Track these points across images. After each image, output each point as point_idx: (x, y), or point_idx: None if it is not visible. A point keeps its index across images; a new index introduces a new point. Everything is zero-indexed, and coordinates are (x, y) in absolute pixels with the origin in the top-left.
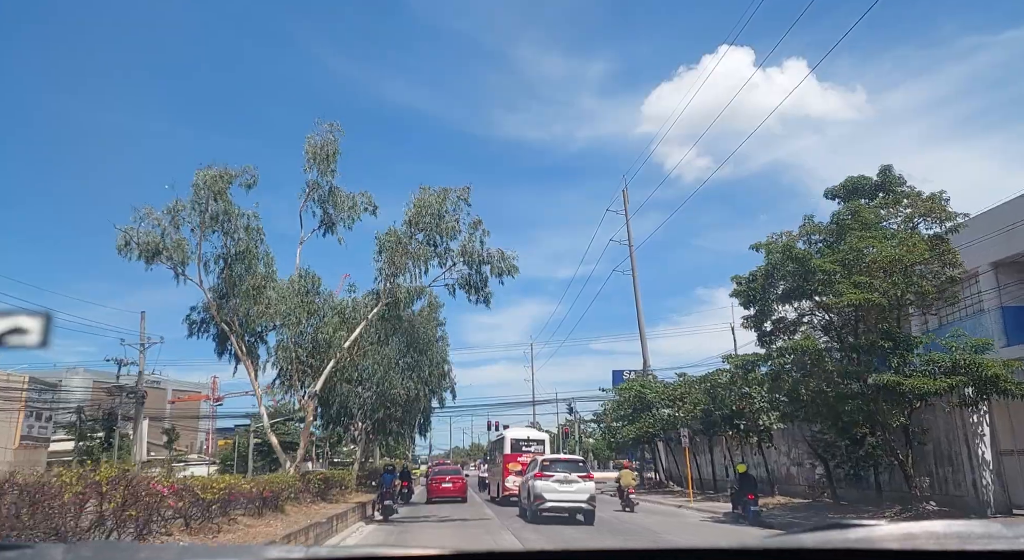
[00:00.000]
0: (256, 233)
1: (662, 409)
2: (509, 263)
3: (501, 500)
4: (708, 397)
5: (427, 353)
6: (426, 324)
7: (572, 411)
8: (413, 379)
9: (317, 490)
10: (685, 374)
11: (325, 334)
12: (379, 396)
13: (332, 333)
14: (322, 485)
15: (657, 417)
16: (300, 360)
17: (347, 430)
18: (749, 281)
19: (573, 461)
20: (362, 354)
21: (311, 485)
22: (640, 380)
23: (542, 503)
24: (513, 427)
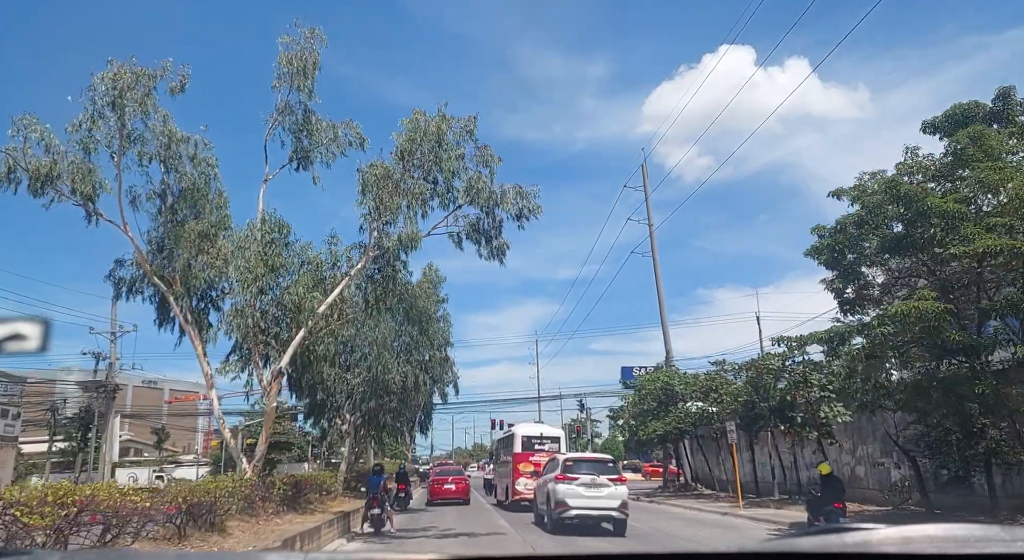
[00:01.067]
0: (206, 166)
1: (692, 403)
2: (530, 201)
3: (511, 505)
4: (750, 387)
5: (427, 331)
6: (425, 299)
7: (583, 407)
8: (411, 363)
9: (283, 497)
10: (723, 361)
11: (294, 296)
12: (370, 382)
13: (303, 294)
14: (290, 491)
15: (686, 411)
16: (261, 329)
17: (332, 423)
18: (835, 232)
19: (601, 461)
20: (344, 323)
21: (274, 491)
22: (666, 372)
23: (565, 510)
24: (523, 423)
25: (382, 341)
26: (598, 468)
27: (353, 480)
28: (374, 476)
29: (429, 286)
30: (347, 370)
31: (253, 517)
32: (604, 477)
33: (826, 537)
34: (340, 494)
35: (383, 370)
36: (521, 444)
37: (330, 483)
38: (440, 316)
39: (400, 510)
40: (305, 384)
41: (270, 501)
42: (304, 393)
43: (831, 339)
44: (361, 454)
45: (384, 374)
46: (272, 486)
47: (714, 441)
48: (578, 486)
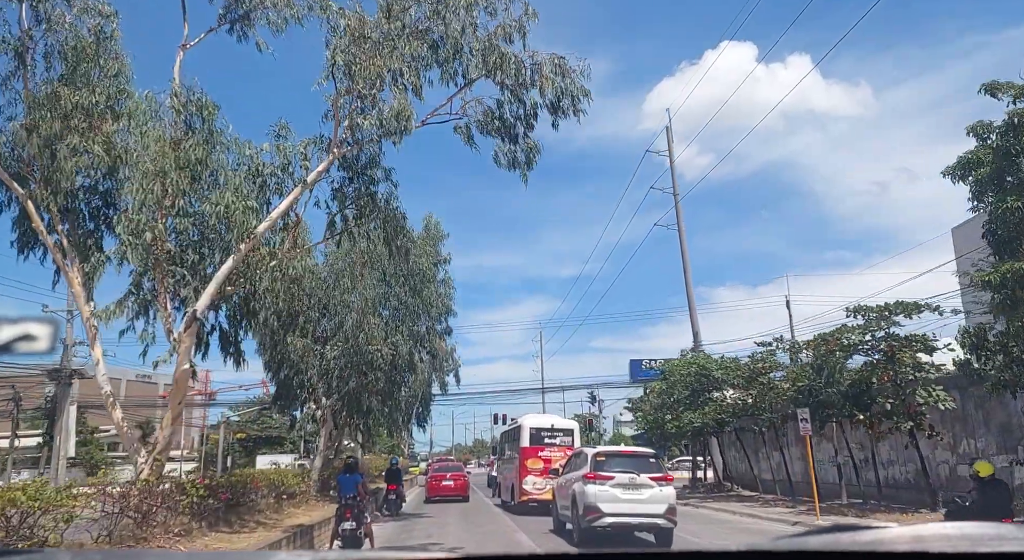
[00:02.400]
0: (98, 17)
1: (728, 392)
2: (573, 83)
3: (517, 506)
4: (811, 370)
5: (421, 293)
6: (420, 254)
7: (595, 399)
8: (402, 332)
9: (202, 509)
10: (781, 337)
11: (219, 207)
12: (350, 356)
13: (234, 206)
14: (213, 499)
15: (730, 400)
16: (171, 256)
17: (302, 408)
18: (1005, 132)
19: (641, 456)
20: (300, 253)
21: (186, 501)
22: (702, 356)
23: (597, 518)
24: (531, 414)
25: (365, 304)
26: (637, 464)
27: (332, 479)
28: (346, 475)
29: (428, 243)
30: (322, 342)
31: (145, 539)
32: (645, 475)
33: (837, 535)
34: (312, 498)
35: (366, 340)
36: (529, 437)
37: (294, 484)
38: (441, 280)
39: (391, 516)
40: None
41: (174, 514)
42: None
43: None
44: (342, 447)
45: (368, 345)
46: (177, 494)
47: (758, 434)
48: (613, 487)
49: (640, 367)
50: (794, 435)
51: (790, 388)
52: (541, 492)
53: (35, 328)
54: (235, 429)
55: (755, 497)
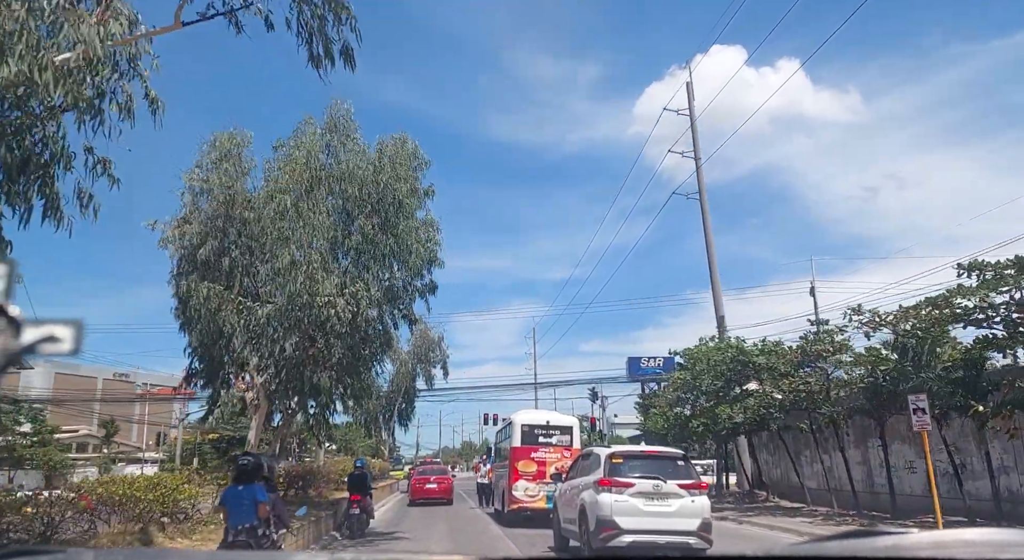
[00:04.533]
0: None
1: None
2: None
3: (509, 516)
4: (896, 350)
5: (395, 229)
6: (394, 176)
7: (596, 396)
8: (365, 281)
9: None
10: (859, 307)
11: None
12: (288, 312)
13: None
14: None
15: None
16: None
17: (227, 385)
18: None
19: (667, 458)
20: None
21: None
22: (736, 340)
23: (614, 535)
24: (524, 410)
25: (312, 237)
26: (663, 468)
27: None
28: (237, 488)
29: (404, 164)
30: (252, 295)
31: None
32: (673, 482)
33: (856, 541)
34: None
35: (311, 287)
36: (521, 436)
37: (186, 498)
38: (423, 221)
39: (351, 537)
40: (186, 316)
41: None
42: (190, 336)
43: None
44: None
45: (313, 295)
46: None
47: (805, 433)
48: (634, 497)
49: (639, 365)
50: (859, 433)
51: (865, 374)
52: (534, 499)
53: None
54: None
55: (803, 509)
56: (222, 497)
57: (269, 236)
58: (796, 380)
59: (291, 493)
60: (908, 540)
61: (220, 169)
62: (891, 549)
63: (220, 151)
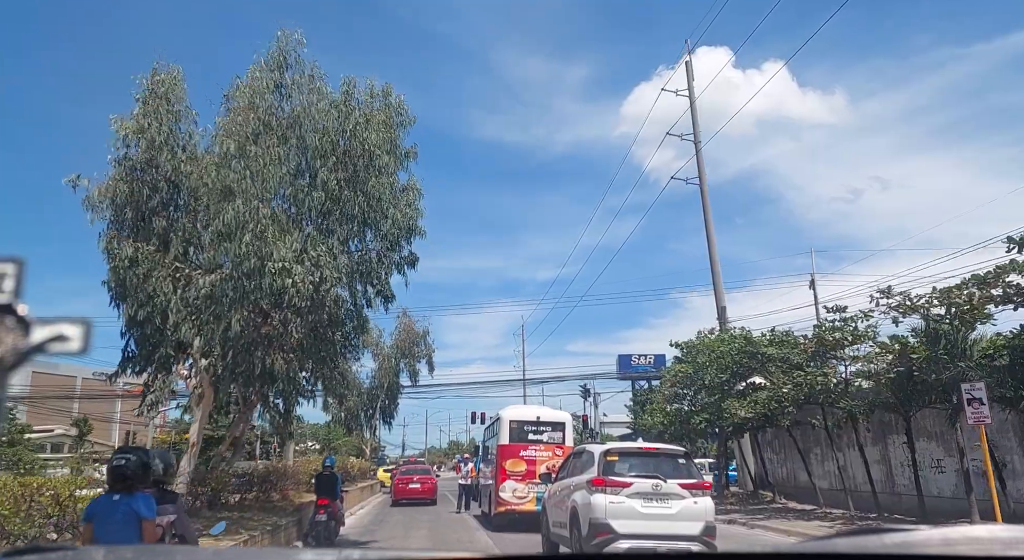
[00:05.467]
0: None
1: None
2: None
3: (497, 519)
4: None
5: (366, 186)
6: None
7: (588, 392)
8: (330, 247)
9: None
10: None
11: None
12: (234, 282)
13: None
14: None
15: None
16: None
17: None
18: None
19: (668, 455)
20: None
21: None
22: (744, 331)
23: (609, 540)
24: (513, 405)
25: (264, 193)
26: (663, 466)
27: (219, 491)
28: (107, 501)
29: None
30: (185, 261)
31: None
32: (674, 481)
33: (865, 538)
34: None
35: (261, 251)
36: (509, 432)
37: None
38: (406, 186)
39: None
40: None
41: None
42: (125, 311)
43: None
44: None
45: (264, 259)
46: None
47: (817, 429)
48: (631, 498)
49: (629, 362)
50: (877, 429)
51: (893, 364)
52: (522, 501)
53: (68, 329)
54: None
55: (816, 511)
56: (86, 511)
57: (210, 189)
58: (811, 372)
59: (250, 497)
60: (917, 537)
61: (154, 112)
62: (901, 546)
63: (155, 91)
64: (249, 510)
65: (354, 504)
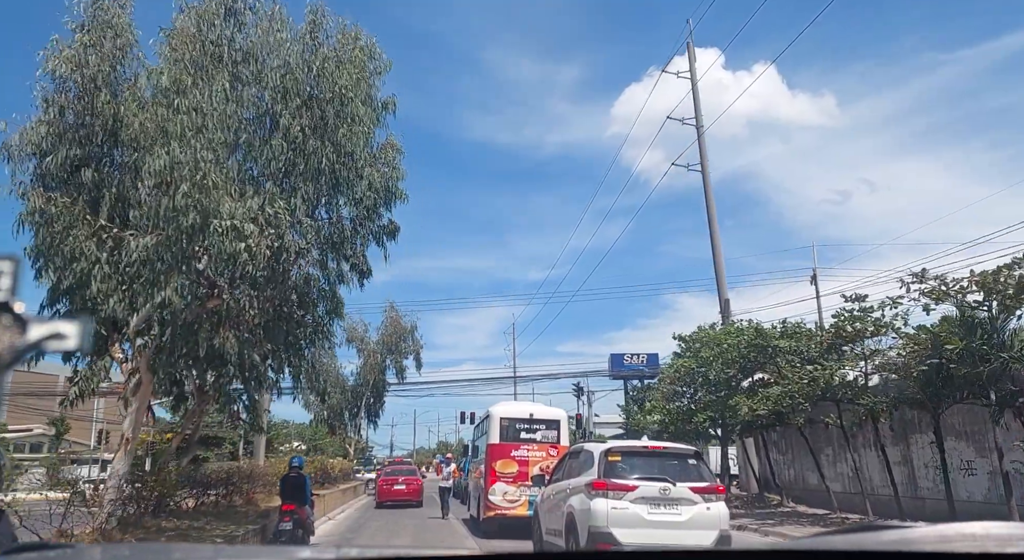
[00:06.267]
0: None
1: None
2: None
3: (486, 525)
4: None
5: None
6: (334, 61)
7: (581, 391)
8: (291, 207)
9: None
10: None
11: None
12: (171, 242)
13: None
14: None
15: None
16: None
17: (100, 353)
18: None
19: (676, 455)
20: None
21: None
22: (754, 324)
23: None
24: (504, 402)
25: (202, 128)
26: (671, 468)
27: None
28: None
29: (352, 67)
30: (122, 220)
31: None
32: (684, 485)
33: (862, 535)
34: None
35: (202, 204)
36: (500, 431)
37: None
38: (384, 144)
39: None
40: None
41: None
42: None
43: None
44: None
45: (206, 215)
46: None
47: (832, 428)
48: (636, 503)
49: (622, 361)
50: (898, 428)
51: (923, 356)
52: (514, 505)
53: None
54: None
55: (830, 516)
56: None
57: (145, 132)
58: (829, 366)
59: (208, 502)
60: (914, 534)
61: (94, 44)
62: (897, 543)
63: (97, 18)
64: (204, 517)
65: (335, 507)
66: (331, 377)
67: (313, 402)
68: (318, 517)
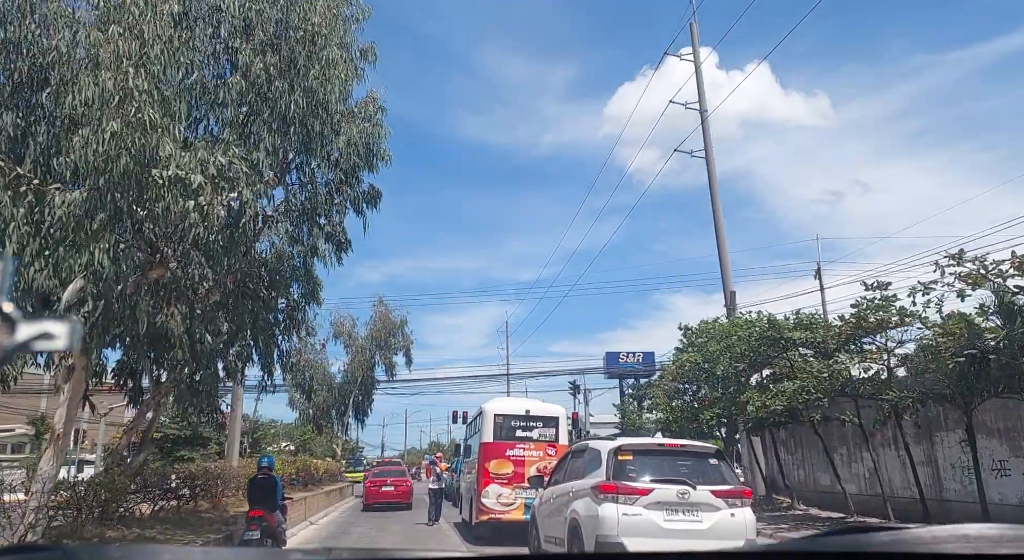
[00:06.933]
0: None
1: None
2: None
3: (479, 529)
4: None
5: (301, 81)
6: (305, 6)
7: (578, 389)
8: (255, 161)
9: None
10: (961, 253)
11: None
12: (100, 192)
13: None
14: None
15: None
16: None
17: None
18: None
19: (696, 454)
20: None
21: None
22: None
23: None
24: (498, 398)
25: (139, 57)
26: (690, 468)
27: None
28: None
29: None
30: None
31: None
32: (705, 488)
33: (856, 536)
34: None
35: (137, 146)
36: (494, 428)
37: None
38: (363, 99)
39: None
40: None
41: None
42: None
43: None
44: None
45: (144, 164)
46: None
47: (849, 425)
48: (651, 509)
49: (617, 359)
50: (924, 425)
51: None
52: (508, 509)
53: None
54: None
55: (847, 520)
56: None
57: (73, 62)
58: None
59: (169, 507)
60: (907, 535)
61: None
62: (890, 544)
63: None
64: (161, 525)
65: (318, 510)
66: (318, 374)
67: (299, 400)
68: (298, 522)
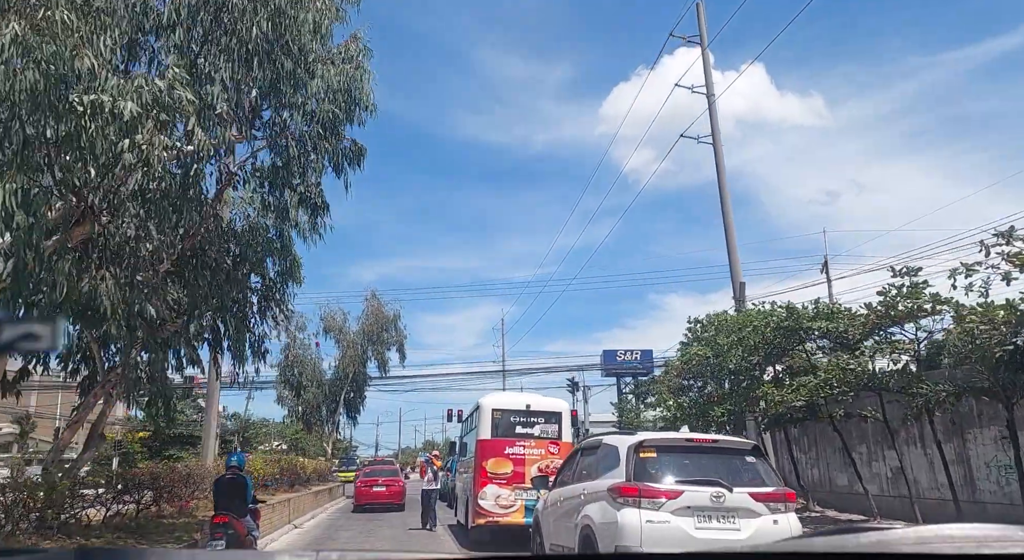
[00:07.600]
0: None
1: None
2: None
3: (476, 533)
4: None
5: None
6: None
7: (577, 386)
8: (207, 95)
9: None
10: (1012, 229)
11: None
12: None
13: None
14: None
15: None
16: None
17: None
18: None
19: (730, 451)
20: None
21: None
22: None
23: None
24: (496, 393)
25: None
26: (723, 468)
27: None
28: None
29: None
30: None
31: None
32: (743, 490)
33: (842, 537)
34: None
35: (47, 56)
36: (492, 425)
37: None
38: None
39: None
40: None
41: None
42: None
43: None
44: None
45: (56, 78)
46: None
47: (870, 422)
48: (679, 515)
49: (615, 357)
50: (958, 422)
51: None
52: (508, 512)
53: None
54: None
55: (871, 523)
56: None
57: None
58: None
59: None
60: (893, 536)
61: None
62: (876, 545)
63: None
64: (113, 533)
65: (304, 512)
66: (307, 369)
67: (288, 397)
68: (280, 525)
